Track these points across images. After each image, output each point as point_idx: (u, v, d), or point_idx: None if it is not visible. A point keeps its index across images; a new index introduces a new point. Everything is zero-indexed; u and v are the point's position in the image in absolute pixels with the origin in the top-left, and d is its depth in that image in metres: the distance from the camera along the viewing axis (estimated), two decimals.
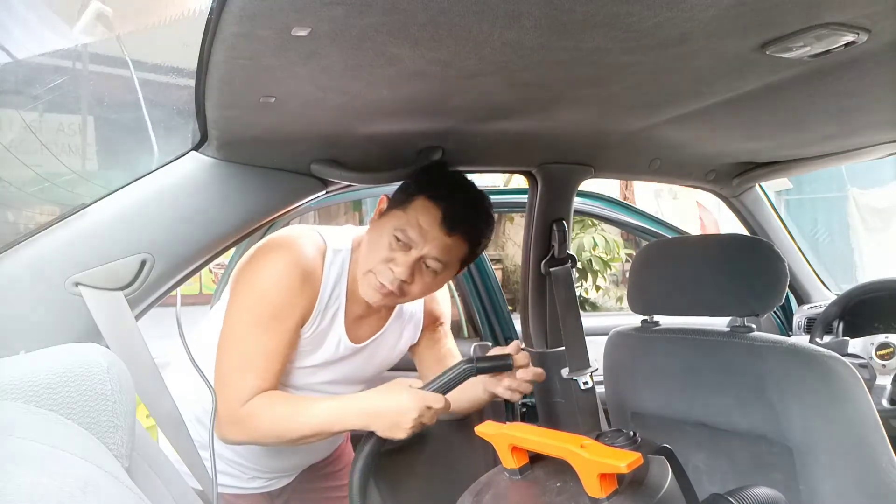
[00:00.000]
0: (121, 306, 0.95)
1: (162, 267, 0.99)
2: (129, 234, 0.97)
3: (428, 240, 1.11)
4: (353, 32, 0.66)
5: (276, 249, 1.15)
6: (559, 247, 1.54)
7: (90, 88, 3.05)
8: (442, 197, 1.12)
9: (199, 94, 0.84)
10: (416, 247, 1.12)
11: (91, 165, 3.40)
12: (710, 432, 1.22)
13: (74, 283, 0.92)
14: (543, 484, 0.83)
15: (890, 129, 1.38)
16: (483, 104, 1.01)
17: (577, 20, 0.67)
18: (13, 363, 0.61)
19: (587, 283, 6.21)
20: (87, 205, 0.96)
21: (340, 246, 1.21)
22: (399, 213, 1.13)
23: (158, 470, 0.79)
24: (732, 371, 1.16)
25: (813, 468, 1.06)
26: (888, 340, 1.62)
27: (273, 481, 1.32)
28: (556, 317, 1.55)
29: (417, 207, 1.12)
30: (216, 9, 0.61)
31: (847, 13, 0.71)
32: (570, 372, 1.52)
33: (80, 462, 0.49)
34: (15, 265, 0.91)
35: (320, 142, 1.09)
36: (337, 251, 1.20)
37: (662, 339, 1.30)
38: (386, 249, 1.12)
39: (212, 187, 1.05)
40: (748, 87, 0.99)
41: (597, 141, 1.37)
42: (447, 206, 1.12)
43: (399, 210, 1.14)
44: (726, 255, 1.20)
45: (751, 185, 2.00)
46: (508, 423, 0.90)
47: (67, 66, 2.89)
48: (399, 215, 1.13)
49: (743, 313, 1.17)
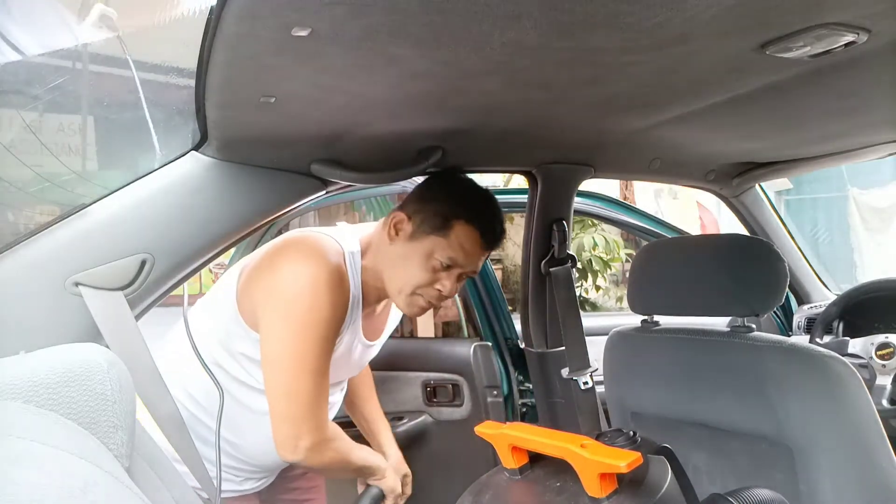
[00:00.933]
0: (121, 306, 0.95)
1: (162, 267, 0.99)
2: (129, 234, 0.97)
3: (471, 259, 1.18)
4: (354, 32, 0.66)
5: (310, 258, 1.12)
6: (559, 247, 1.54)
7: (90, 88, 3.05)
8: (477, 216, 1.18)
9: (199, 94, 0.84)
10: (460, 266, 1.18)
11: (91, 165, 3.40)
12: (710, 432, 1.22)
13: (74, 283, 0.92)
14: (543, 484, 0.83)
15: (890, 129, 1.38)
16: (483, 104, 1.01)
17: (577, 20, 0.67)
18: (13, 363, 0.61)
19: (587, 283, 6.20)
20: (87, 205, 0.96)
21: (353, 248, 1.22)
22: (440, 240, 1.16)
23: (158, 470, 0.78)
24: (732, 371, 1.16)
25: (813, 468, 1.06)
26: (888, 340, 1.62)
27: (263, 480, 1.33)
28: (556, 317, 1.55)
29: (459, 233, 1.16)
30: (216, 9, 0.61)
31: (847, 13, 0.71)
32: (570, 372, 1.52)
33: (80, 462, 0.49)
34: (15, 265, 0.90)
35: (320, 142, 1.09)
36: (352, 254, 1.21)
37: (662, 339, 1.30)
38: (429, 273, 1.16)
39: (212, 187, 1.05)
40: (748, 87, 0.99)
41: (597, 141, 1.37)
42: (483, 225, 1.18)
43: (439, 237, 1.16)
44: (726, 255, 1.20)
45: (751, 185, 2.00)
46: (508, 423, 0.90)
47: (67, 66, 2.89)
48: (440, 242, 1.16)
49: (743, 313, 1.17)
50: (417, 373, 1.86)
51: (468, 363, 1.81)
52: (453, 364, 1.83)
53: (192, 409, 1.19)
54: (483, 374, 1.80)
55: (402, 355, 1.86)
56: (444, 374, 1.84)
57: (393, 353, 1.67)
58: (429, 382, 1.85)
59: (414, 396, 1.86)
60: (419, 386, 1.86)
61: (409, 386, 1.86)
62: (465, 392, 1.82)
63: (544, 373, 1.62)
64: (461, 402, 1.83)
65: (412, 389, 1.86)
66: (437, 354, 1.87)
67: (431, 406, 1.86)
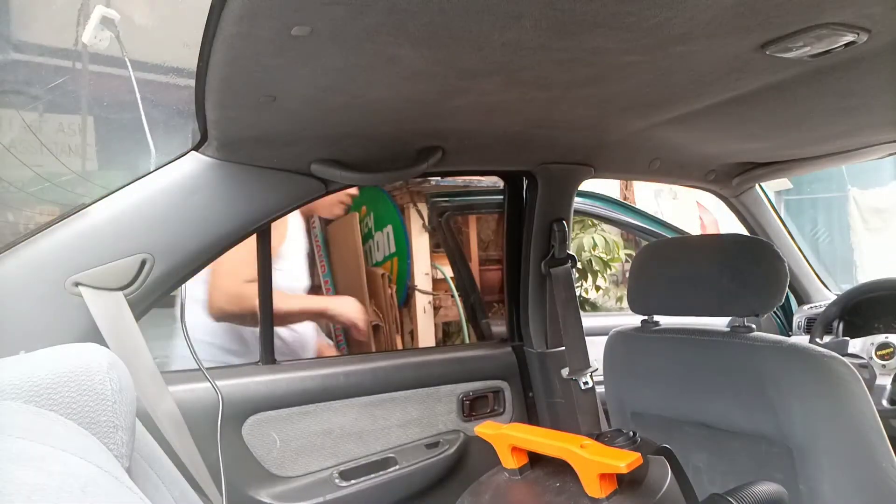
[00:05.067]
0: (121, 306, 0.95)
1: (162, 267, 0.99)
2: (129, 234, 0.97)
3: None
4: (353, 32, 0.66)
5: None
6: (559, 247, 1.54)
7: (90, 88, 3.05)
8: None
9: (199, 94, 0.84)
10: None
11: (91, 165, 3.40)
12: (710, 432, 1.22)
13: (74, 283, 0.92)
14: (543, 484, 0.83)
15: (890, 129, 1.38)
16: (483, 104, 1.00)
17: (577, 20, 0.67)
18: (13, 363, 0.61)
19: (587, 283, 6.20)
20: (87, 205, 0.96)
21: None
22: None
23: (158, 470, 0.78)
24: (732, 371, 1.16)
25: (813, 468, 1.06)
26: (888, 340, 1.62)
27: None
28: (556, 317, 1.55)
29: None
30: (216, 9, 0.61)
31: (847, 13, 0.70)
32: (570, 372, 1.52)
33: (80, 462, 0.49)
34: (15, 265, 0.91)
35: (320, 142, 1.09)
36: None
37: (662, 339, 1.30)
38: None
39: (212, 187, 1.05)
40: (748, 87, 0.99)
41: (597, 141, 1.37)
42: None
43: None
44: (726, 255, 1.20)
45: (751, 185, 2.00)
46: (508, 423, 0.90)
47: (67, 66, 2.89)
48: None
49: (743, 313, 1.17)
50: (452, 385, 1.58)
51: (512, 366, 1.65)
52: (494, 369, 1.64)
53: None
54: (525, 376, 1.66)
55: (431, 367, 1.60)
56: (486, 381, 1.62)
57: (420, 366, 1.51)
58: (467, 394, 1.59)
59: (448, 412, 1.58)
60: (455, 400, 1.59)
61: (440, 403, 1.57)
62: (508, 397, 1.65)
63: (544, 373, 1.62)
64: (503, 408, 1.64)
65: (444, 405, 1.58)
66: (474, 361, 1.64)
67: (468, 421, 1.59)
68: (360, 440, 1.35)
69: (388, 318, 2.42)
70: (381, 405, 1.39)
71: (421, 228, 2.49)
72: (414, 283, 2.49)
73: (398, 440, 1.41)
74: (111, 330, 0.93)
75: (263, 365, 1.30)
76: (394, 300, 2.47)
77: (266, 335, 1.32)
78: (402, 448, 1.41)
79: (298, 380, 1.30)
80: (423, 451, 1.42)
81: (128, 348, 0.93)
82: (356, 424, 1.34)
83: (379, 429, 1.38)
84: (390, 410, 1.41)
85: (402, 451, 1.40)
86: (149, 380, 0.95)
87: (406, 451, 1.41)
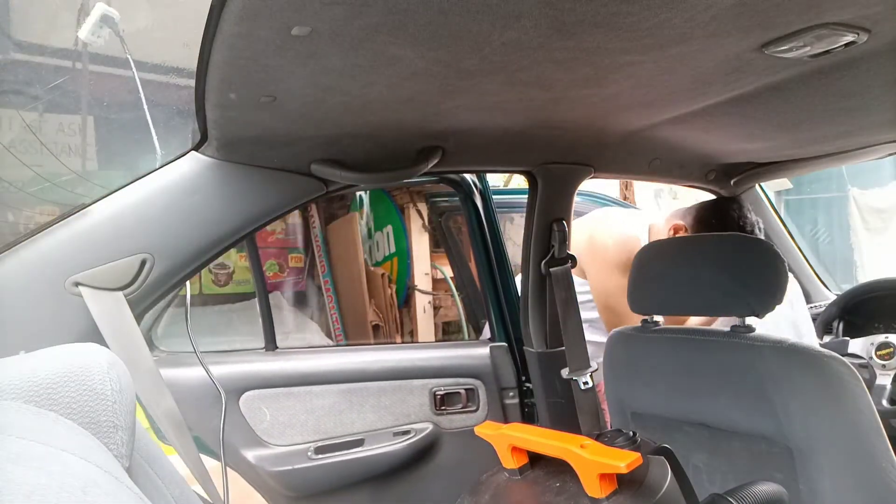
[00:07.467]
0: (121, 306, 0.95)
1: (162, 267, 0.99)
2: (129, 234, 0.97)
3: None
4: (353, 32, 0.66)
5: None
6: (559, 247, 1.54)
7: (90, 88, 3.05)
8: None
9: (199, 94, 0.84)
10: None
11: (91, 165, 3.40)
12: (710, 432, 1.22)
13: (74, 283, 0.92)
14: (543, 484, 0.83)
15: (890, 129, 1.38)
16: (483, 104, 1.00)
17: (577, 20, 0.67)
18: (13, 363, 0.61)
19: None
20: (88, 205, 0.96)
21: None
22: None
23: (158, 470, 0.78)
24: (732, 371, 1.16)
25: (813, 468, 1.06)
26: (888, 340, 1.62)
27: None
28: (556, 317, 1.55)
29: None
30: (216, 9, 0.61)
31: (847, 13, 0.70)
32: (570, 372, 1.52)
33: (80, 462, 0.49)
34: (15, 265, 0.91)
35: (320, 142, 1.09)
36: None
37: (662, 339, 1.30)
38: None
39: (212, 187, 1.05)
40: (748, 87, 0.99)
41: (597, 141, 1.37)
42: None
43: None
44: (726, 255, 1.20)
45: (751, 185, 2.00)
46: (508, 423, 0.90)
47: (67, 66, 2.89)
48: None
49: (743, 313, 1.17)
50: (424, 380, 1.71)
51: (486, 366, 1.73)
52: (468, 368, 1.73)
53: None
54: (501, 376, 1.73)
55: (407, 362, 1.73)
56: (458, 378, 1.72)
57: (397, 361, 1.64)
58: (438, 389, 1.71)
59: (420, 405, 1.71)
60: (427, 394, 1.73)
61: (412, 395, 1.71)
62: (482, 396, 1.73)
63: (544, 373, 1.62)
64: (476, 406, 1.73)
65: (416, 398, 1.72)
66: (448, 359, 1.75)
67: (441, 414, 1.71)
68: (339, 421, 1.54)
69: (388, 318, 2.42)
70: (359, 392, 1.58)
71: (421, 228, 2.49)
72: (414, 283, 2.50)
73: (371, 425, 1.58)
74: (111, 330, 0.93)
75: (266, 352, 1.59)
76: (394, 300, 2.47)
77: (267, 324, 1.58)
78: (374, 433, 1.58)
79: (290, 365, 1.53)
80: (392, 437, 1.58)
81: (128, 348, 0.93)
82: (335, 407, 1.54)
83: (356, 413, 1.57)
84: (365, 398, 1.58)
85: (373, 436, 1.58)
86: (149, 380, 0.95)
87: (377, 436, 1.58)
